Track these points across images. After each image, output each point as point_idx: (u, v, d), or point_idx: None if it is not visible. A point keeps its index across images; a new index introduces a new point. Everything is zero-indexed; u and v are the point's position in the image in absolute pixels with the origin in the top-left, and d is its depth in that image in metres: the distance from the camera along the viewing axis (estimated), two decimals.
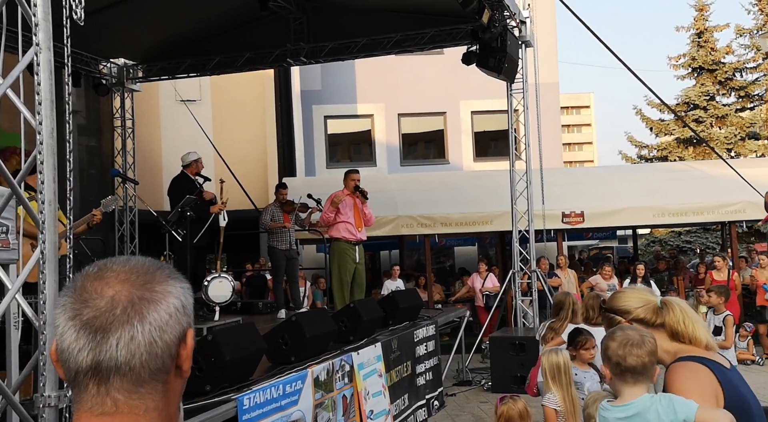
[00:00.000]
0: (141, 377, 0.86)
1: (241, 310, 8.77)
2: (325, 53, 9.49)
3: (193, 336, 0.93)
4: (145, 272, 0.90)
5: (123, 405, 0.85)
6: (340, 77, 16.18)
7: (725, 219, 11.90)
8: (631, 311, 2.17)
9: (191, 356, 0.93)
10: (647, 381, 2.08)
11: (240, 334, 4.02)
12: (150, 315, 0.86)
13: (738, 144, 22.97)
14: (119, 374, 0.85)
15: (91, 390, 0.85)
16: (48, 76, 1.96)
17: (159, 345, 0.87)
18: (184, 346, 0.90)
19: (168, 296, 0.89)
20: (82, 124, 10.75)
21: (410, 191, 12.40)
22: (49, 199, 1.95)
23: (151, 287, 0.89)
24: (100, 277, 0.88)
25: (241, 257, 14.06)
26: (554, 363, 3.79)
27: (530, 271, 9.21)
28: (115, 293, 0.86)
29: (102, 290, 0.86)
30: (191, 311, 0.93)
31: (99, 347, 0.84)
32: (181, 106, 12.28)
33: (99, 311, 0.85)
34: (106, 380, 0.85)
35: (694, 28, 24.56)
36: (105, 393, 0.85)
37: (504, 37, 8.12)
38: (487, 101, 15.82)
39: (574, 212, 11.45)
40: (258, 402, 3.70)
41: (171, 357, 0.89)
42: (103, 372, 0.84)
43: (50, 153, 1.98)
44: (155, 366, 0.87)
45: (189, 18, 9.06)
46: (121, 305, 0.85)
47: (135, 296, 0.87)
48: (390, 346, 5.84)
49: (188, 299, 0.93)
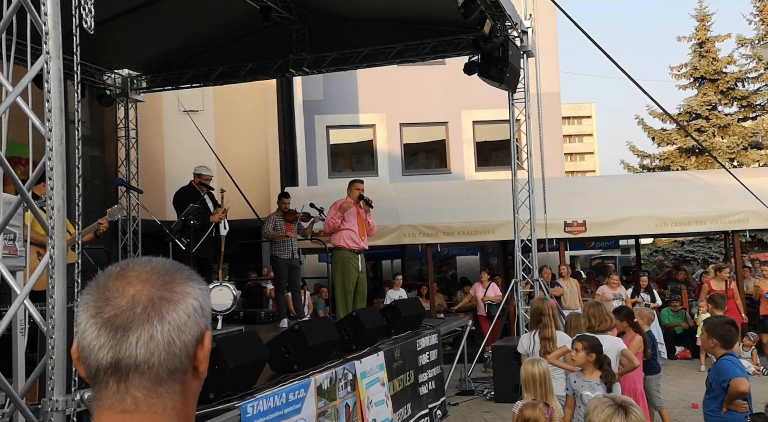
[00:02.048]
0: (159, 376, 0.87)
1: (243, 319, 8.77)
2: (328, 63, 9.54)
3: (211, 338, 0.95)
4: (166, 273, 0.92)
5: (143, 404, 0.87)
6: (342, 87, 16.26)
7: (728, 228, 11.88)
8: None
9: (208, 358, 0.94)
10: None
11: (243, 342, 4.03)
12: (169, 315, 0.88)
13: (740, 154, 22.98)
14: (138, 372, 0.86)
15: (111, 388, 0.87)
16: (58, 85, 1.99)
17: (177, 344, 0.88)
18: (201, 348, 0.92)
19: (187, 297, 0.91)
20: (86, 134, 10.81)
21: (412, 200, 12.42)
22: (59, 205, 1.97)
23: (171, 287, 0.90)
24: (122, 276, 0.90)
25: (243, 266, 14.08)
26: (529, 372, 3.87)
27: (532, 280, 9.21)
28: (136, 292, 0.88)
29: (123, 289, 0.88)
30: (209, 313, 0.95)
31: (119, 345, 0.86)
32: (184, 116, 12.34)
33: (120, 309, 0.87)
34: (125, 378, 0.86)
35: (695, 37, 24.65)
36: (125, 390, 0.86)
37: (505, 47, 8.17)
38: (489, 111, 15.88)
39: (576, 222, 11.45)
40: (261, 410, 3.71)
41: (189, 357, 0.90)
42: (123, 369, 0.86)
43: (59, 160, 2.00)
44: (173, 365, 0.88)
45: (192, 29, 9.13)
46: (142, 305, 0.87)
47: (155, 296, 0.88)
48: (392, 355, 5.84)
49: (206, 301, 0.94)
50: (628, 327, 5.22)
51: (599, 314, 4.73)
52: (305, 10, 9.02)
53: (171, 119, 13.23)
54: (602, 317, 4.72)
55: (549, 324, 5.22)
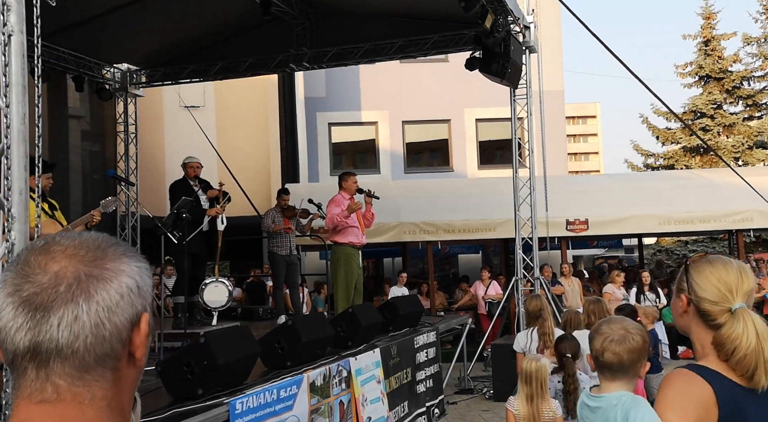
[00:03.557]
0: (86, 362, 0.78)
1: (241, 316, 8.71)
2: (328, 59, 9.46)
3: (149, 321, 0.85)
4: (97, 248, 0.82)
5: (65, 392, 0.78)
6: (344, 84, 16.19)
7: (732, 228, 11.77)
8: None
9: (146, 343, 0.85)
10: (627, 377, 2.09)
11: (234, 338, 3.95)
12: (98, 294, 0.79)
13: (745, 153, 22.82)
14: (60, 357, 0.77)
15: (30, 375, 0.78)
16: (20, 61, 1.91)
17: (107, 327, 0.79)
18: (137, 331, 0.83)
19: (120, 274, 0.82)
20: (86, 129, 10.77)
21: (413, 197, 12.33)
22: (19, 187, 1.88)
23: (102, 263, 0.81)
24: (46, 251, 0.81)
25: (244, 263, 14.03)
26: (525, 369, 3.82)
27: (533, 279, 9.11)
28: (61, 268, 0.79)
29: (46, 264, 0.79)
30: (148, 293, 0.86)
31: (38, 326, 0.76)
32: (184, 112, 12.28)
33: (41, 287, 0.77)
34: (45, 364, 0.77)
35: (701, 36, 24.48)
36: (45, 378, 0.78)
37: (507, 42, 8.07)
38: (492, 109, 15.77)
39: (578, 220, 11.35)
40: (251, 407, 3.63)
41: (121, 341, 0.81)
42: (43, 354, 0.77)
43: (21, 140, 1.91)
44: (102, 350, 0.79)
45: (192, 23, 9.07)
46: (66, 282, 0.78)
47: (82, 273, 0.79)
48: (389, 352, 5.76)
49: (144, 280, 0.85)
50: None
51: (599, 311, 4.65)
52: (305, 5, 8.95)
53: (171, 115, 13.17)
54: (602, 314, 4.64)
55: (548, 318, 5.14)
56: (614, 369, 2.08)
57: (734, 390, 1.60)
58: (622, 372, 2.09)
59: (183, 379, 3.54)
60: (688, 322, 1.69)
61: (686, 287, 1.66)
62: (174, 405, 3.39)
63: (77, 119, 10.94)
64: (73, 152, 10.54)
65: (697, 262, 1.68)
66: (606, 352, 2.09)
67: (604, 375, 2.12)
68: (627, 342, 2.08)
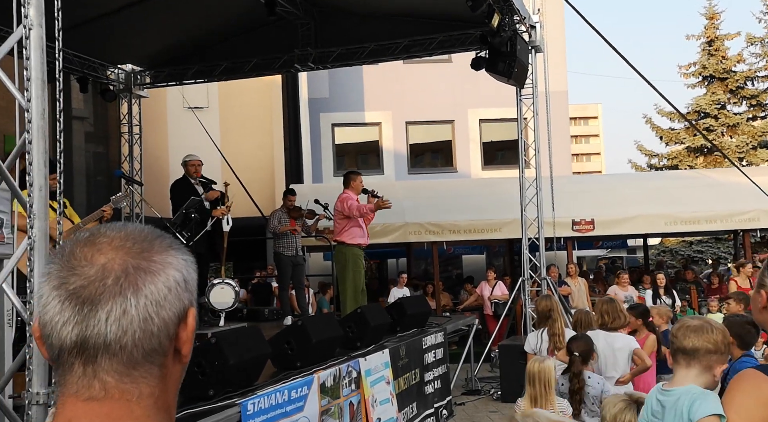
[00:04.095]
0: (134, 358, 0.75)
1: (247, 317, 8.66)
2: (333, 59, 9.43)
3: (195, 316, 0.81)
4: (143, 240, 0.79)
5: (113, 390, 0.74)
6: (347, 85, 16.15)
7: (738, 228, 11.72)
8: None
9: (192, 338, 0.81)
10: (699, 366, 2.10)
11: (244, 338, 3.92)
12: (146, 288, 0.75)
13: (749, 153, 22.75)
14: (108, 353, 0.74)
15: (76, 372, 0.74)
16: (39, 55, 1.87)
17: (155, 322, 0.76)
18: (184, 327, 0.79)
19: (168, 267, 0.78)
20: (90, 130, 10.75)
21: (418, 198, 12.29)
22: (40, 184, 1.85)
23: (149, 256, 0.77)
24: (92, 243, 0.77)
25: (248, 264, 13.99)
26: (530, 370, 3.83)
27: (540, 279, 9.07)
28: (108, 260, 0.75)
29: (93, 257, 0.76)
30: (194, 288, 0.82)
31: (86, 321, 0.73)
32: (188, 113, 12.25)
33: (88, 280, 0.74)
34: (93, 359, 0.74)
35: (704, 36, 24.43)
36: (92, 374, 0.74)
37: (514, 41, 8.04)
38: (496, 109, 15.73)
39: (584, 220, 11.30)
40: (262, 408, 3.59)
41: (169, 337, 0.77)
42: (90, 350, 0.73)
43: (41, 136, 1.88)
44: (150, 346, 0.76)
45: (196, 24, 9.05)
46: (114, 275, 0.75)
47: (130, 266, 0.76)
48: (398, 353, 5.72)
49: (191, 273, 0.81)
50: (642, 325, 5.07)
51: (612, 310, 4.60)
52: (310, 4, 8.92)
53: (175, 116, 13.15)
54: (615, 314, 4.59)
55: (558, 319, 5.10)
56: (688, 354, 2.11)
57: None
58: (696, 359, 2.11)
59: (194, 380, 3.50)
60: (766, 318, 1.66)
61: (767, 283, 1.63)
62: (186, 405, 3.35)
63: (81, 120, 10.92)
64: (78, 154, 10.51)
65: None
66: (683, 338, 2.13)
67: (679, 363, 2.15)
68: (705, 332, 2.12)
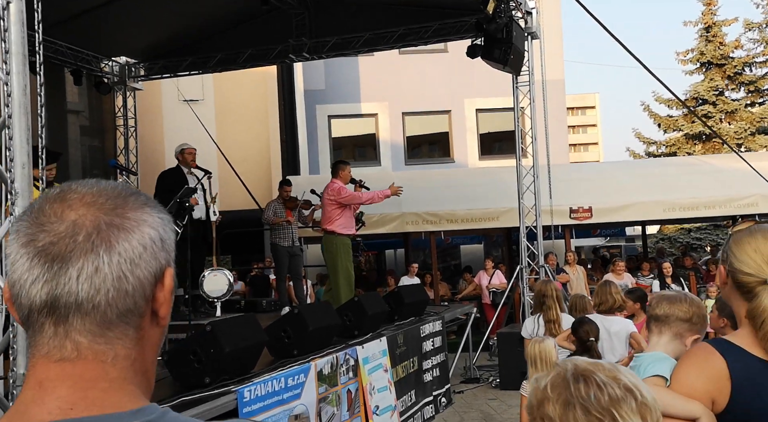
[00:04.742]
0: (108, 318, 0.72)
1: (245, 309, 8.64)
2: (328, 49, 9.38)
3: (173, 276, 0.78)
4: (117, 196, 0.75)
5: (86, 350, 0.71)
6: (343, 76, 16.09)
7: (737, 213, 11.69)
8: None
9: (170, 300, 0.78)
10: (671, 334, 2.14)
11: (240, 326, 3.90)
12: (120, 245, 0.72)
13: (748, 139, 22.71)
14: (81, 312, 0.71)
15: (47, 332, 0.71)
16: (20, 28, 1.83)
17: (130, 280, 0.73)
18: (161, 287, 0.76)
19: (143, 225, 0.75)
20: (84, 124, 10.70)
21: (415, 188, 12.23)
22: (22, 161, 1.82)
23: (123, 213, 0.74)
24: (62, 199, 0.74)
25: (246, 257, 13.97)
26: (530, 352, 3.89)
27: (538, 267, 9.06)
28: (79, 217, 0.72)
29: (63, 213, 0.72)
30: (171, 247, 0.79)
31: (56, 279, 0.70)
32: (183, 105, 12.19)
33: (58, 236, 0.71)
34: (65, 319, 0.71)
35: (702, 22, 24.32)
36: (64, 334, 0.71)
37: (509, 27, 7.99)
38: (492, 99, 15.67)
39: (582, 208, 11.29)
40: (259, 395, 3.59)
41: (145, 298, 0.75)
42: (62, 309, 0.71)
43: (23, 112, 1.84)
44: (125, 306, 0.73)
45: (190, 15, 8.98)
46: (85, 231, 0.71)
47: (102, 222, 0.72)
48: (396, 341, 5.72)
49: (167, 233, 0.78)
50: (640, 309, 5.07)
51: (602, 293, 4.60)
52: None
53: (170, 109, 13.09)
54: (604, 296, 4.57)
55: (553, 306, 5.09)
56: (660, 321, 2.17)
57: (753, 366, 1.54)
58: (667, 325, 2.16)
59: (190, 368, 3.50)
60: (727, 294, 1.65)
61: (726, 258, 1.62)
62: (181, 393, 3.34)
63: (76, 113, 10.87)
64: (73, 147, 10.47)
65: (738, 232, 1.64)
66: (653, 306, 2.20)
67: (651, 331, 2.22)
68: (679, 303, 2.17)
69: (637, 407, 1.03)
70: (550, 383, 1.08)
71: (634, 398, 1.04)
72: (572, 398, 1.04)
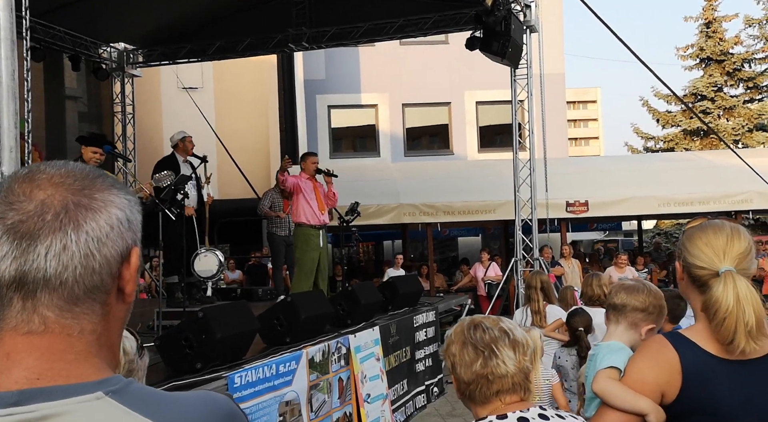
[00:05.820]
0: (75, 294, 0.75)
1: (241, 297, 8.68)
2: (327, 38, 9.38)
3: (139, 255, 0.82)
4: (84, 178, 0.79)
5: (53, 324, 0.75)
6: (344, 67, 16.06)
7: (732, 209, 11.74)
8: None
9: (135, 278, 0.82)
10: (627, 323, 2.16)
11: (232, 313, 3.94)
12: (87, 224, 0.76)
13: (745, 136, 22.73)
14: (48, 288, 0.74)
15: (16, 306, 0.75)
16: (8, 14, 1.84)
17: (97, 258, 0.76)
18: (127, 266, 0.80)
19: (110, 205, 0.78)
20: (83, 110, 10.70)
21: (413, 179, 12.29)
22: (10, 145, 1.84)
23: (90, 193, 0.77)
24: (31, 179, 0.77)
25: (244, 246, 14.01)
26: None
27: (533, 259, 9.11)
28: (47, 196, 0.75)
29: (32, 192, 0.76)
30: (138, 228, 0.83)
31: (24, 255, 0.73)
32: (182, 93, 12.19)
33: (26, 215, 0.74)
34: (33, 294, 0.74)
35: (702, 18, 24.27)
36: (32, 309, 0.75)
37: (508, 20, 8.00)
38: (493, 92, 15.65)
39: (578, 201, 11.33)
40: (249, 381, 3.63)
41: (111, 275, 0.78)
42: (30, 285, 0.74)
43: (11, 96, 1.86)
44: (92, 282, 0.76)
45: (189, 2, 8.97)
46: (53, 210, 0.75)
47: (70, 202, 0.76)
48: (388, 330, 5.76)
49: (134, 214, 0.82)
50: None
51: (586, 285, 4.64)
52: None
53: (170, 97, 13.09)
54: (589, 289, 4.60)
55: (536, 298, 5.13)
56: (616, 311, 2.18)
57: (704, 360, 1.57)
58: (623, 316, 2.17)
59: (181, 353, 3.53)
60: (684, 289, 1.69)
61: (681, 254, 1.66)
62: (172, 378, 3.39)
63: (74, 99, 10.87)
64: (71, 133, 10.49)
65: (691, 229, 1.69)
66: (612, 295, 2.22)
67: (608, 319, 2.23)
68: (634, 291, 2.17)
69: (509, 343, 1.45)
70: (453, 331, 1.53)
71: (507, 336, 1.46)
72: (466, 339, 1.48)
